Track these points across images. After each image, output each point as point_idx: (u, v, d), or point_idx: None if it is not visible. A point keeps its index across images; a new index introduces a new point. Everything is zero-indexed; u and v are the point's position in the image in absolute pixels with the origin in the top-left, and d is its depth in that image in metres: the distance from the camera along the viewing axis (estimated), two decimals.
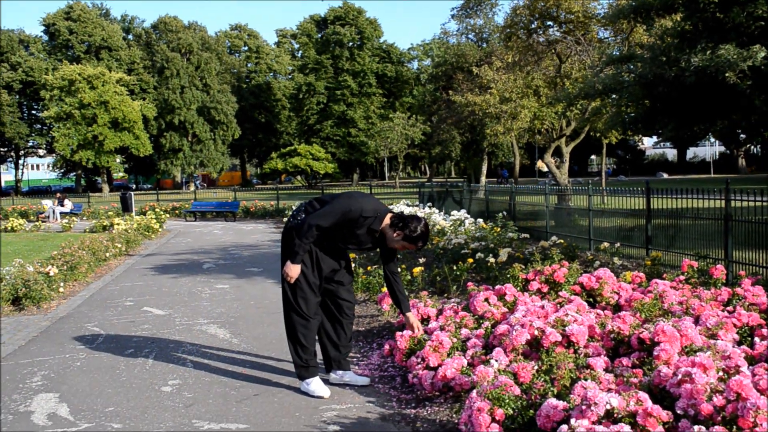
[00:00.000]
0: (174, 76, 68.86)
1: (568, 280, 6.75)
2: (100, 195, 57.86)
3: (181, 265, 13.34)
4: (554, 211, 14.84)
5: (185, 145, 69.26)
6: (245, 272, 12.18)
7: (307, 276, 5.03)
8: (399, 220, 5.00)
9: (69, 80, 59.74)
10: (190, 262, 13.84)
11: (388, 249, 5.21)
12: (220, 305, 8.98)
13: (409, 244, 5.02)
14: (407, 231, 4.98)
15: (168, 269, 12.80)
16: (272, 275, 11.64)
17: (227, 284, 10.79)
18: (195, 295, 9.80)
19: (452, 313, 6.09)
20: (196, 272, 12.31)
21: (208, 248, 16.84)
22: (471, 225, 14.45)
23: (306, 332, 5.07)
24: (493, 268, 9.18)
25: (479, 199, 20.38)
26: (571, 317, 5.02)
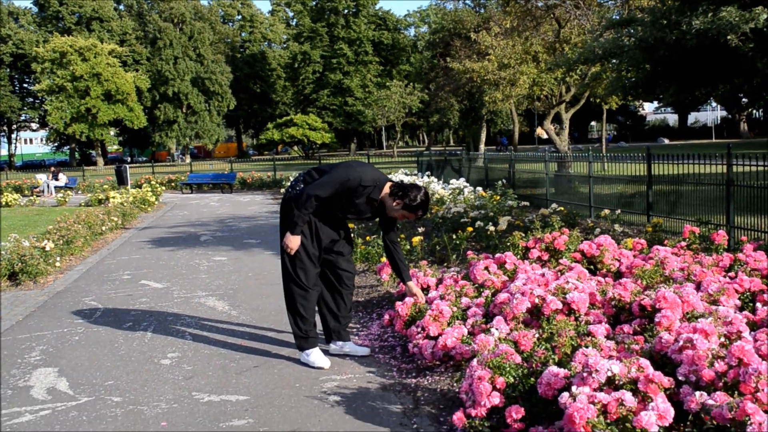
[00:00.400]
0: (167, 46, 68.31)
1: (568, 248, 6.76)
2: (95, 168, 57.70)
3: (178, 238, 13.34)
4: (554, 179, 14.81)
5: (180, 117, 68.94)
6: (243, 244, 12.18)
7: (307, 247, 5.03)
8: (399, 189, 4.98)
9: (60, 52, 59.21)
10: (187, 235, 13.83)
11: (387, 218, 5.20)
12: (218, 277, 9.00)
13: (408, 214, 5.01)
14: (407, 200, 4.96)
15: (165, 242, 12.80)
16: (270, 247, 11.64)
17: (225, 256, 10.79)
18: (193, 268, 9.81)
19: (452, 282, 6.10)
20: (193, 245, 12.31)
21: (205, 220, 16.83)
22: (470, 194, 14.43)
23: (305, 303, 5.09)
24: (493, 236, 9.18)
25: (478, 168, 20.33)
26: (572, 285, 5.02)
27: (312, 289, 5.10)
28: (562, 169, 15.41)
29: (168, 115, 68.58)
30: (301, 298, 5.08)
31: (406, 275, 5.43)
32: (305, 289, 5.07)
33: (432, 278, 6.38)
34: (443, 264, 8.87)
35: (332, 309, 5.34)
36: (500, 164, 18.49)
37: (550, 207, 11.36)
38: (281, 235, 5.13)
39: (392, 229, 5.29)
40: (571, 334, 4.23)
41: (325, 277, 5.29)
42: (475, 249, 9.63)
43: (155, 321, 6.77)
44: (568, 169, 15.12)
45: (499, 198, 12.87)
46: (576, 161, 14.06)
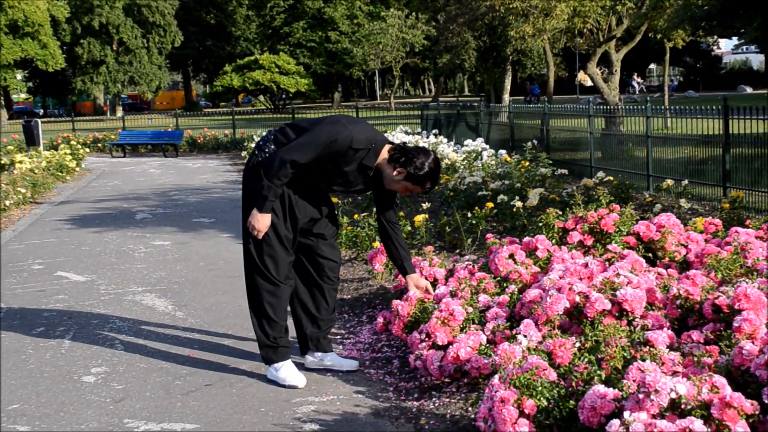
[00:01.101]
0: None
1: (619, 230, 6.74)
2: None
3: (106, 216, 13.32)
4: (601, 139, 14.79)
5: (109, 57, 68.62)
6: (192, 224, 12.17)
7: (278, 228, 5.01)
8: (400, 154, 4.97)
9: None
10: (119, 212, 13.81)
11: (385, 191, 5.19)
12: (160, 268, 8.99)
13: (413, 186, 5.00)
14: (411, 168, 4.95)
15: (89, 221, 12.77)
16: (228, 227, 11.63)
17: (168, 240, 10.79)
18: (125, 255, 9.80)
19: (467, 274, 6.09)
20: (126, 225, 12.30)
21: (142, 193, 16.81)
22: (491, 158, 14.41)
23: (275, 302, 5.08)
24: (521, 214, 9.17)
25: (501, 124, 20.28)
26: (624, 278, 5.01)
27: (284, 283, 5.09)
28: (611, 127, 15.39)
29: (93, 54, 68.25)
30: (270, 295, 5.07)
31: (408, 265, 5.42)
32: (275, 284, 5.07)
33: (440, 269, 6.37)
34: (455, 251, 8.85)
35: (310, 310, 5.33)
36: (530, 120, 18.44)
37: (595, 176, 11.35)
38: (244, 212, 5.11)
39: (390, 206, 5.27)
40: (622, 342, 4.21)
41: (302, 267, 5.29)
42: (496, 231, 9.61)
43: (75, 325, 6.75)
44: (619, 126, 15.10)
45: (529, 164, 12.85)
46: (630, 116, 14.04)
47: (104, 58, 68.54)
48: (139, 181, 19.46)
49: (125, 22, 68.59)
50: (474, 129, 21.69)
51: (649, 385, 3.47)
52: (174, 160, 26.46)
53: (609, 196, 8.68)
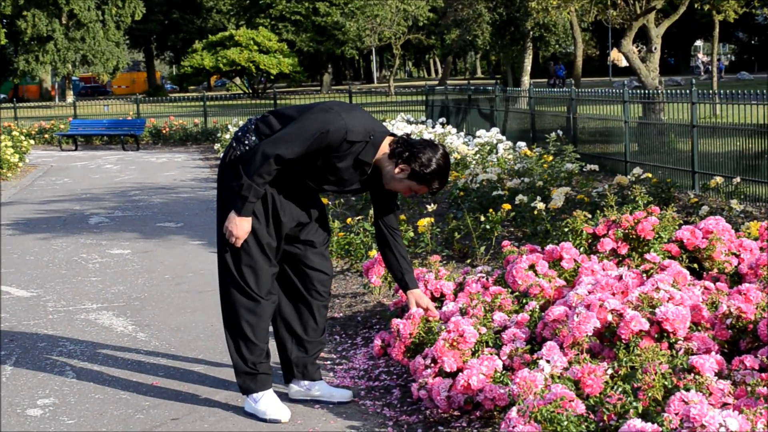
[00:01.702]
0: None
1: (659, 236, 6.74)
2: None
3: (55, 220, 13.31)
4: (638, 129, 14.79)
5: (58, 32, 68.51)
6: (156, 229, 12.16)
7: (259, 234, 5.01)
8: (404, 148, 4.96)
9: None
10: (70, 215, 13.80)
11: (384, 192, 5.19)
12: (118, 281, 8.98)
13: (418, 186, 4.99)
14: (416, 165, 4.94)
15: (34, 226, 12.76)
16: (198, 233, 11.62)
17: (128, 248, 10.78)
18: (78, 266, 9.80)
19: (479, 288, 6.08)
20: (79, 230, 12.29)
21: (97, 192, 16.79)
22: (508, 152, 14.41)
23: (255, 321, 5.08)
24: (543, 218, 9.17)
25: (520, 112, 20.30)
26: (665, 293, 5.01)
27: (265, 299, 5.09)
28: (650, 115, 15.40)
29: (39, 29, 68.15)
30: (249, 313, 5.07)
31: (410, 279, 5.42)
32: (255, 300, 5.06)
33: (448, 282, 6.36)
34: (465, 261, 8.85)
35: (295, 330, 5.33)
36: (554, 106, 18.44)
37: (630, 173, 11.36)
38: (219, 216, 5.11)
39: (390, 209, 5.27)
40: (663, 369, 4.22)
41: (286, 280, 5.29)
42: (514, 237, 9.61)
43: (18, 349, 6.74)
44: (659, 114, 15.11)
45: (553, 159, 12.86)
46: (671, 102, 14.04)
47: (52, 33, 68.36)
48: (93, 179, 19.42)
49: None
50: (488, 117, 21.71)
51: (695, 420, 3.48)
52: (135, 154, 26.43)
53: (647, 196, 8.70)
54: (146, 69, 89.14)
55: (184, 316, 7.54)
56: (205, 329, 7.07)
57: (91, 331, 7.16)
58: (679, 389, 4.02)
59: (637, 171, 11.28)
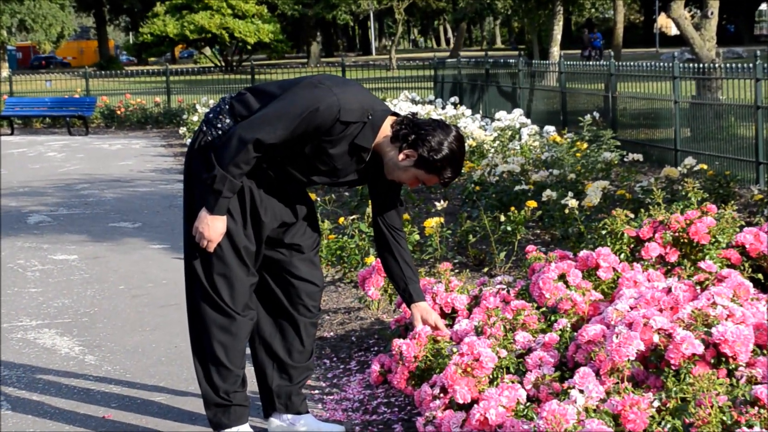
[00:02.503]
0: None
1: (716, 240, 6.75)
2: None
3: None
4: (690, 111, 14.80)
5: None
6: (109, 230, 12.16)
7: (235, 237, 5.00)
8: (409, 130, 4.93)
9: None
10: (4, 213, 13.79)
11: (386, 184, 5.17)
12: (63, 293, 8.98)
13: (426, 175, 4.96)
14: (424, 150, 4.90)
15: None
16: (160, 235, 11.63)
17: (75, 253, 10.79)
18: (13, 275, 9.80)
19: (499, 302, 6.08)
20: (15, 231, 12.29)
21: (37, 186, 16.77)
22: (533, 138, 14.41)
23: (229, 342, 5.07)
24: (575, 218, 9.17)
25: (548, 90, 20.30)
26: (723, 309, 5.01)
27: (242, 315, 5.08)
28: (706, 94, 15.40)
29: None
30: (222, 331, 5.06)
31: (414, 289, 5.41)
32: (229, 315, 5.05)
33: (461, 296, 6.37)
34: (482, 269, 8.86)
35: (277, 353, 5.32)
36: (590, 83, 18.43)
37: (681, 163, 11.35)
38: (186, 214, 5.12)
39: (393, 205, 5.25)
40: (721, 401, 4.22)
41: (267, 292, 5.28)
42: (541, 241, 9.62)
43: None
44: (717, 92, 15.10)
45: (588, 147, 12.85)
46: (731, 78, 14.04)
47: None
48: (33, 170, 19.40)
49: None
50: (510, 96, 21.72)
51: None
52: (83, 140, 26.42)
53: (701, 191, 8.70)
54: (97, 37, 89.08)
55: (141, 336, 7.53)
56: (168, 351, 7.06)
57: (29, 353, 7.14)
58: (741, 425, 4.03)
59: (689, 161, 11.27)
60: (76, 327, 7.82)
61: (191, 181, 5.09)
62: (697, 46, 19.97)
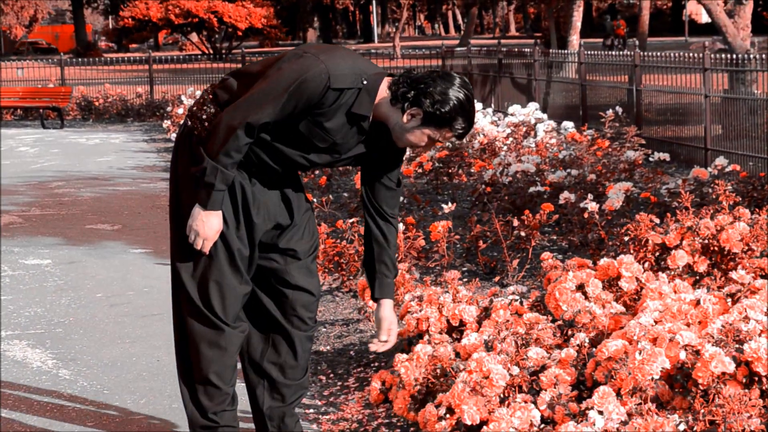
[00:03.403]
0: None
1: (749, 248, 6.75)
2: None
3: None
4: (722, 106, 14.80)
5: None
6: (85, 233, 12.18)
7: (229, 239, 4.99)
8: (408, 87, 4.82)
9: None
10: None
11: (387, 156, 5.13)
12: (35, 301, 8.99)
13: (438, 131, 4.85)
14: (428, 104, 4.80)
15: None
16: (141, 238, 11.63)
17: (48, 258, 10.79)
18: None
19: (510, 315, 6.09)
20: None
21: (7, 183, 16.74)
22: (550, 134, 14.43)
23: (218, 357, 5.05)
24: (596, 222, 9.18)
25: (567, 82, 20.30)
26: (756, 324, 5.02)
27: (233, 326, 5.06)
28: (739, 87, 15.39)
29: None
30: (209, 346, 5.03)
31: (386, 285, 5.27)
32: (218, 327, 5.03)
33: (469, 307, 6.37)
34: (492, 278, 8.86)
35: (269, 372, 5.29)
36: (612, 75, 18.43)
37: (712, 164, 11.36)
38: (173, 215, 5.08)
39: (391, 186, 5.22)
40: (753, 425, 4.23)
41: (256, 303, 5.25)
42: (557, 248, 9.62)
43: None
44: (751, 86, 15.10)
45: (610, 145, 12.86)
46: (767, 71, 14.04)
47: None
48: (3, 166, 19.34)
49: None
50: (524, 89, 21.74)
51: None
52: (58, 133, 26.43)
53: (734, 195, 8.71)
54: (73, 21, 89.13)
55: (120, 348, 7.52)
56: (150, 365, 7.06)
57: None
58: None
59: (720, 161, 11.27)
60: (50, 338, 7.81)
61: (177, 181, 5.05)
62: (730, 35, 19.98)
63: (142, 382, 6.73)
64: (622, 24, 59.65)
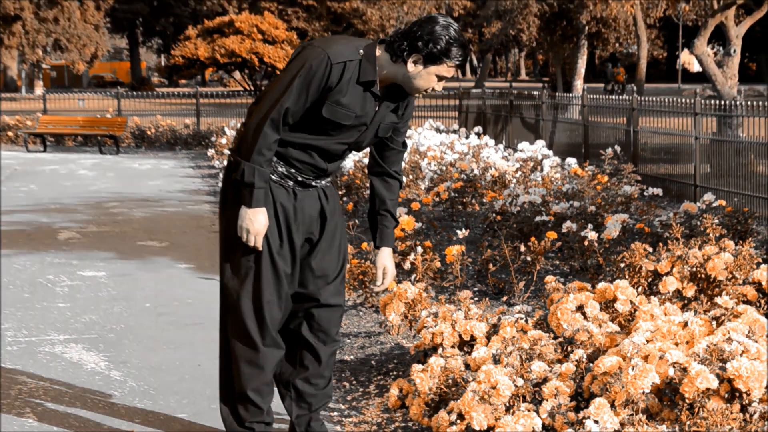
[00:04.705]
0: None
1: (733, 276, 6.73)
2: None
3: (17, 234, 13.36)
4: (711, 147, 14.77)
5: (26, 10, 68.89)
6: (136, 249, 12.19)
7: (274, 260, 4.96)
8: (399, 41, 4.86)
9: None
10: (35, 229, 13.86)
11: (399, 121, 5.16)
12: (90, 309, 9.00)
13: (441, 66, 4.90)
14: (423, 46, 4.82)
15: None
16: (186, 255, 11.65)
17: (103, 270, 10.81)
18: (43, 290, 9.82)
19: (516, 332, 6.08)
20: (45, 247, 12.33)
21: (68, 203, 16.85)
22: (555, 170, 14.43)
23: (255, 375, 5.04)
24: (594, 250, 9.17)
25: (571, 123, 20.28)
26: (738, 345, 5.01)
27: (270, 346, 5.03)
28: (726, 131, 15.37)
29: (5, 7, 68.54)
30: (249, 365, 5.02)
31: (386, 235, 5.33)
32: (256, 348, 5.00)
33: (480, 324, 6.36)
34: (501, 297, 8.84)
35: (295, 384, 5.27)
36: (612, 117, 18.42)
37: (700, 199, 11.34)
38: (222, 243, 5.06)
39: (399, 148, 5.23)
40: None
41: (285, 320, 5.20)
42: (560, 272, 9.60)
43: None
44: (737, 130, 15.08)
45: (608, 180, 12.86)
46: (752, 116, 14.02)
47: (20, 12, 68.68)
48: (64, 187, 19.47)
49: None
50: (533, 128, 21.72)
51: None
52: (114, 159, 26.51)
53: (720, 228, 8.68)
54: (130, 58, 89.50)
55: (166, 353, 7.53)
56: (192, 369, 7.06)
57: (56, 367, 7.16)
58: None
59: (708, 197, 11.25)
60: (103, 343, 7.84)
61: (226, 210, 5.05)
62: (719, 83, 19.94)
63: (185, 384, 6.73)
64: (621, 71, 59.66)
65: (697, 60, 20.61)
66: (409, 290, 7.39)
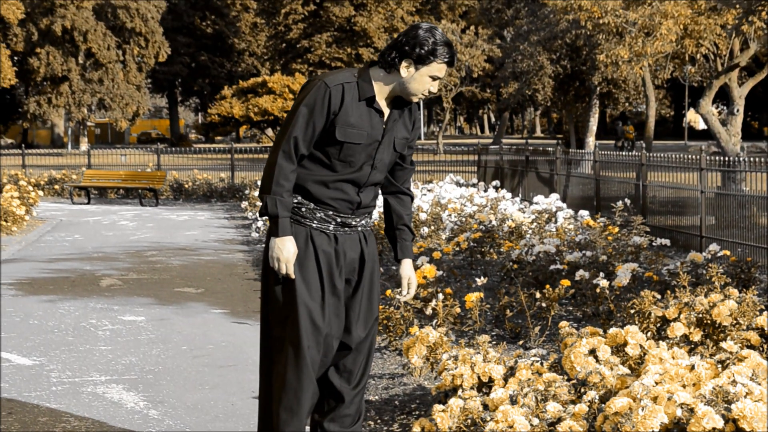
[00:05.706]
0: None
1: (737, 322, 6.70)
2: None
3: (62, 280, 13.41)
4: (715, 201, 14.74)
5: (73, 72, 69.48)
6: (174, 295, 12.22)
7: (309, 283, 4.93)
8: (389, 52, 4.98)
9: None
10: (79, 276, 13.91)
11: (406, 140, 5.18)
12: (130, 351, 9.02)
13: (432, 67, 4.95)
14: (411, 51, 4.92)
15: (40, 287, 12.85)
16: (221, 300, 11.66)
17: (142, 315, 10.83)
18: (86, 333, 9.84)
19: (532, 374, 6.06)
20: (88, 293, 12.37)
21: (110, 251, 16.93)
22: (568, 221, 14.41)
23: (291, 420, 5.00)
24: (606, 297, 9.15)
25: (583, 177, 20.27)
26: (742, 387, 4.98)
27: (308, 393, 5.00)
28: (730, 185, 15.35)
29: (53, 68, 69.13)
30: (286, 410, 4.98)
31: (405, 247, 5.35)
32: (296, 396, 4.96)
33: (497, 366, 6.35)
34: (517, 341, 8.82)
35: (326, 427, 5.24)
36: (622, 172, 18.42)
37: (706, 249, 11.30)
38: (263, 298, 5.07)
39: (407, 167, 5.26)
40: None
41: None
42: (573, 318, 9.57)
43: (17, 423, 6.77)
44: (741, 184, 15.06)
45: (619, 231, 12.83)
46: (754, 171, 14.01)
47: (67, 73, 69.29)
48: (106, 237, 19.58)
49: (95, 27, 69.28)
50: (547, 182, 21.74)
51: None
52: (153, 210, 26.65)
53: (724, 276, 8.66)
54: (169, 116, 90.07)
55: (202, 393, 7.54)
56: (225, 409, 7.07)
57: (98, 406, 7.17)
58: None
59: (713, 247, 11.22)
60: (142, 383, 7.85)
61: (268, 266, 5.04)
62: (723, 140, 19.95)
63: (219, 423, 6.73)
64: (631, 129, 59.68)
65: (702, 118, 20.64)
66: (431, 334, 7.39)
